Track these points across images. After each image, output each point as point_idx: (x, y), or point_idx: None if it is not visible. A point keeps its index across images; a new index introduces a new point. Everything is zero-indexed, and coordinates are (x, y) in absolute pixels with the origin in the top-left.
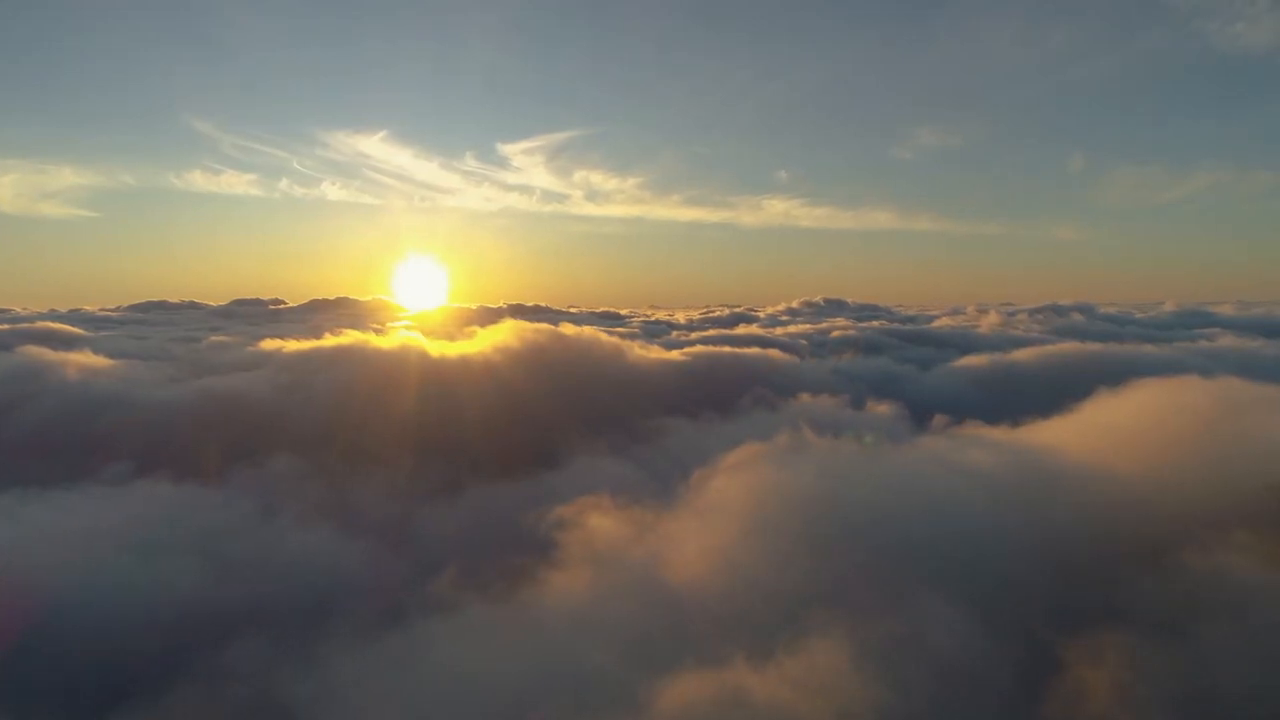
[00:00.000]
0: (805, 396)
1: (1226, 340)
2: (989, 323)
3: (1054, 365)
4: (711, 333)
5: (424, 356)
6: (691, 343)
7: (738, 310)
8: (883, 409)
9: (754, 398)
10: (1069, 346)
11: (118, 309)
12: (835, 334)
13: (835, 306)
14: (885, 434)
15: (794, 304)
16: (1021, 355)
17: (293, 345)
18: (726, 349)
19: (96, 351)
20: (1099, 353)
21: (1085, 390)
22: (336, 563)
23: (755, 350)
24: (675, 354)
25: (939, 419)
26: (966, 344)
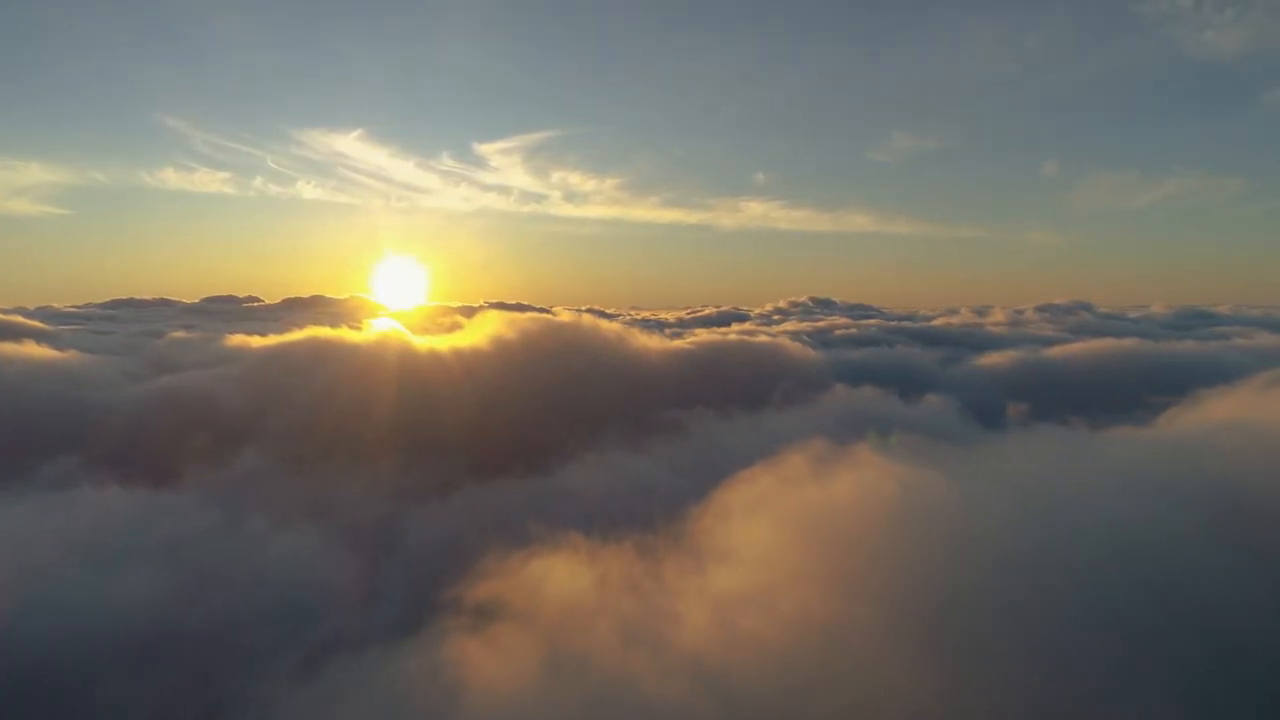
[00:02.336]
0: (840, 388)
1: (1262, 338)
2: (995, 321)
3: (1108, 362)
4: (708, 331)
5: (406, 350)
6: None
7: (726, 310)
8: (933, 402)
9: (783, 390)
10: (1106, 344)
11: (85, 306)
12: (838, 332)
13: (825, 306)
14: (952, 432)
15: (781, 304)
16: (1060, 352)
17: (257, 341)
18: (734, 339)
19: (56, 346)
20: (1148, 349)
21: (1165, 387)
22: (304, 578)
23: (767, 339)
24: (683, 343)
25: (1013, 411)
26: (982, 342)
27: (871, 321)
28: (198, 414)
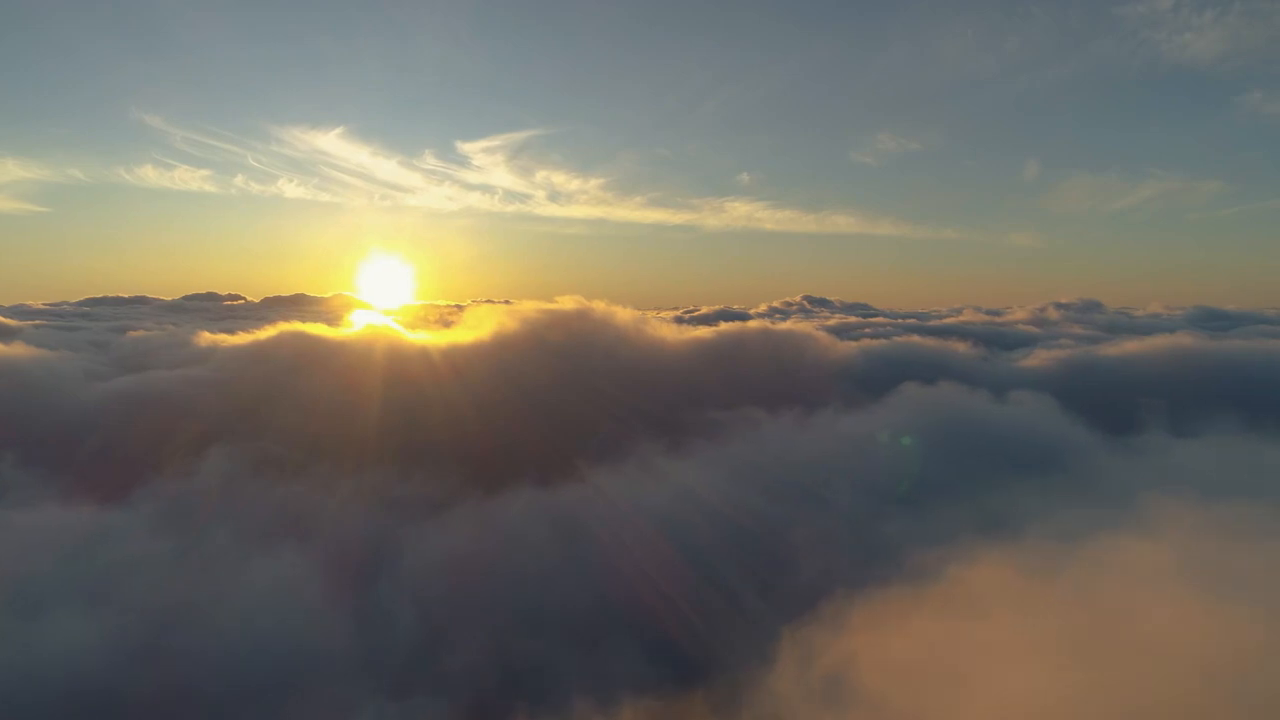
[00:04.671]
0: (911, 385)
1: None
2: (1017, 319)
3: (1187, 361)
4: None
5: (398, 346)
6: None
7: (720, 309)
8: (1027, 401)
9: (841, 387)
10: (1163, 341)
11: (60, 304)
12: (852, 331)
13: (822, 305)
14: (1073, 438)
15: (776, 304)
16: (1123, 351)
17: (231, 338)
18: (757, 328)
19: (13, 342)
20: (1220, 349)
21: None
22: (276, 619)
23: (793, 329)
24: (704, 332)
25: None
26: (1012, 341)
27: (878, 320)
28: (158, 418)
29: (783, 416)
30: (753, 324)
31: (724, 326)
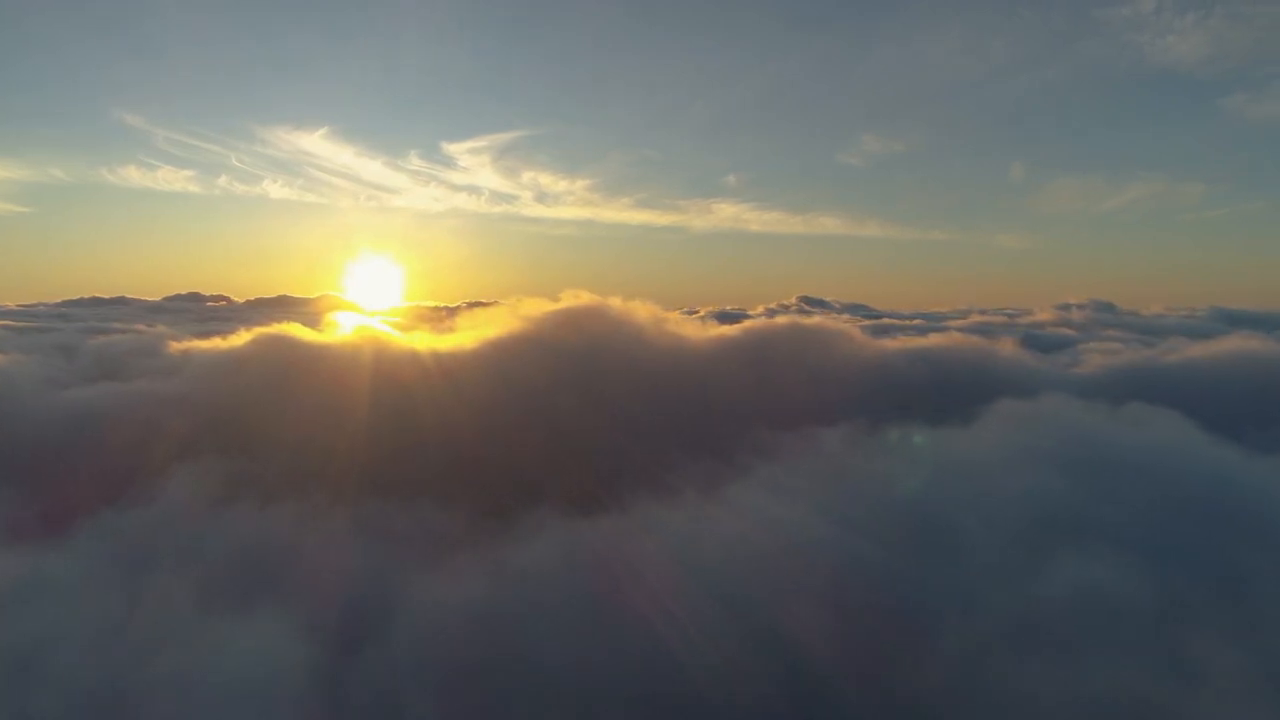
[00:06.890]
0: (1006, 401)
1: None
2: (1044, 321)
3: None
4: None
5: (395, 352)
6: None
7: (717, 310)
8: (1152, 415)
9: (904, 396)
10: (1230, 344)
11: (36, 304)
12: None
13: (819, 306)
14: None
15: (772, 305)
16: (1188, 356)
17: (212, 342)
18: (786, 324)
19: None
20: None
21: None
22: (246, 694)
23: (827, 325)
24: (731, 330)
25: None
26: (1048, 344)
27: (886, 321)
28: (115, 435)
29: (849, 432)
30: (779, 319)
31: (749, 324)
